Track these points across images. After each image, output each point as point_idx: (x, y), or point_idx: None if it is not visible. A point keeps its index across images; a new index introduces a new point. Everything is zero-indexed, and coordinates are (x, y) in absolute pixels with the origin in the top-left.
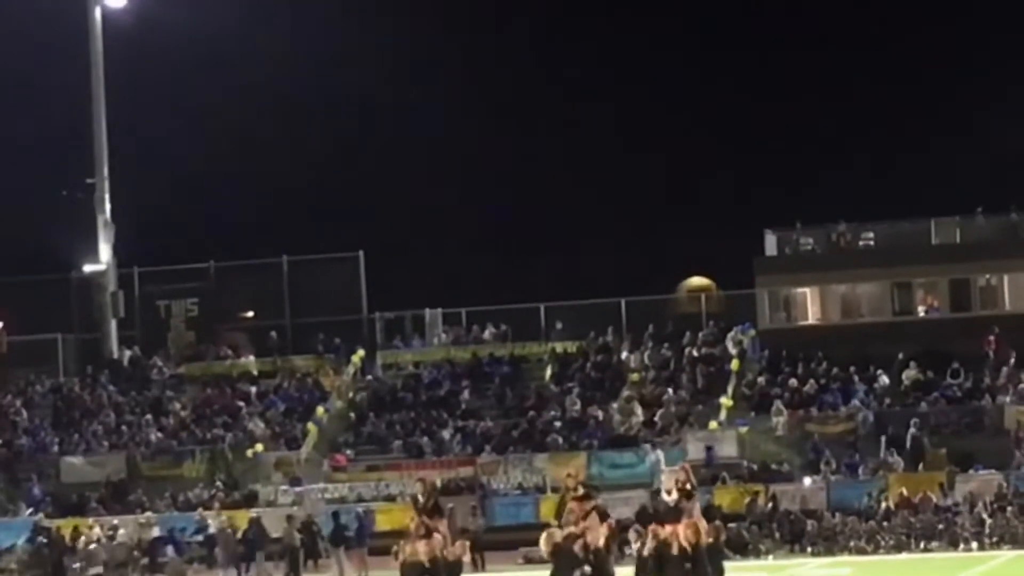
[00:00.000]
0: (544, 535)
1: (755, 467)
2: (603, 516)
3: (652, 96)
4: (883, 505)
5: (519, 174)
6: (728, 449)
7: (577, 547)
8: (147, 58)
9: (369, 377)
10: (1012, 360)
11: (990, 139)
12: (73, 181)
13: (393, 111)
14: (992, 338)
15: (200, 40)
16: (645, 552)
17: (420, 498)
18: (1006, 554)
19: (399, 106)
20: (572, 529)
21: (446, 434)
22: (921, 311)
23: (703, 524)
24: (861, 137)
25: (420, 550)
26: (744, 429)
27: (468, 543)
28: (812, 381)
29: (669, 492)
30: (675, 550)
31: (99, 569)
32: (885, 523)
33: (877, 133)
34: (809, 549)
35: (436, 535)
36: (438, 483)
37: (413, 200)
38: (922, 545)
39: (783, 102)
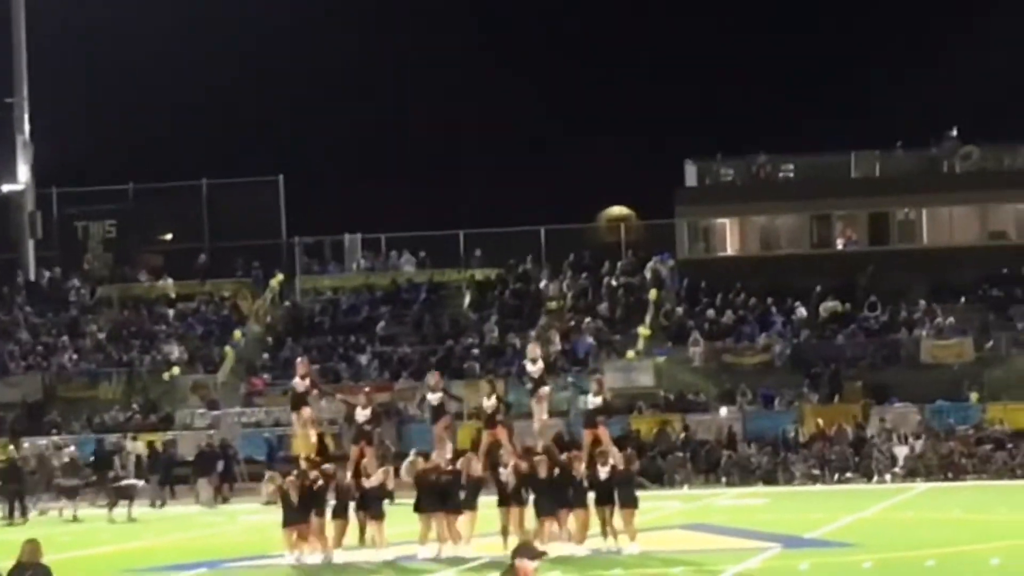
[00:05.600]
0: (406, 463)
1: (671, 397)
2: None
3: (577, 24)
4: (797, 436)
5: (442, 99)
6: (645, 379)
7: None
8: None
9: (287, 302)
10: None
11: (911, 73)
12: None
13: (311, 34)
14: None
15: None
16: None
17: None
18: (919, 486)
19: (317, 29)
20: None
21: (363, 360)
22: (840, 244)
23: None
24: (782, 69)
25: None
26: (661, 359)
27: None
28: (730, 312)
29: (596, 394)
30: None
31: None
32: (799, 454)
33: (799, 66)
34: (724, 479)
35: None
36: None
37: (333, 125)
38: (836, 476)
39: (707, 32)
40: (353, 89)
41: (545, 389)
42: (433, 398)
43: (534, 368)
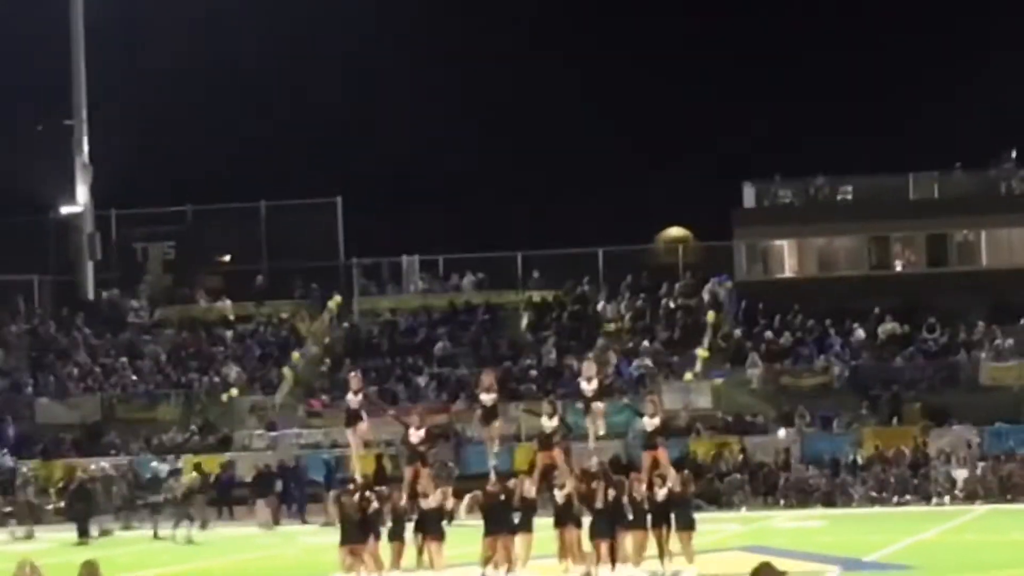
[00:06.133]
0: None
1: (729, 419)
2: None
3: (635, 44)
4: (855, 458)
5: (498, 121)
6: (703, 401)
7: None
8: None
9: (345, 323)
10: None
11: (970, 94)
12: (51, 122)
13: (368, 56)
14: None
15: None
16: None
17: None
18: (978, 509)
19: (373, 50)
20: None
21: (421, 381)
22: (898, 266)
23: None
24: (841, 91)
25: None
26: (719, 381)
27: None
28: (788, 334)
29: (652, 415)
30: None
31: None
32: (857, 476)
33: (857, 87)
34: (782, 501)
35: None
36: None
37: (391, 146)
38: (895, 499)
39: (764, 54)
40: (411, 110)
41: (599, 405)
42: (487, 399)
43: (588, 387)
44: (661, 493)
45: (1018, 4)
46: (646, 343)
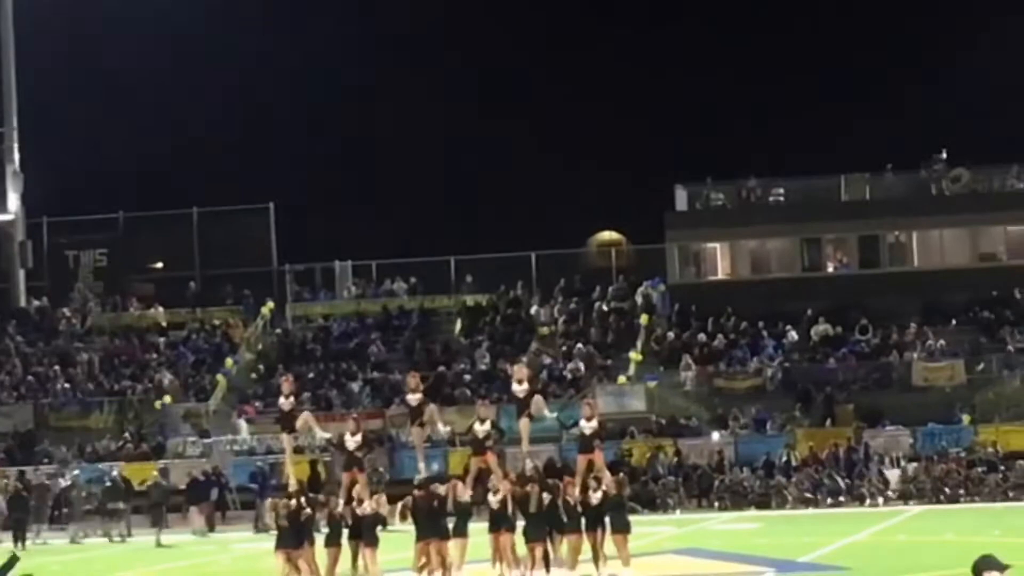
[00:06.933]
0: (399, 505)
1: (663, 421)
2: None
3: (566, 50)
4: (789, 460)
5: (430, 126)
6: (636, 403)
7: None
8: (56, 7)
9: (279, 329)
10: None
11: (900, 97)
12: None
13: (301, 62)
14: None
15: None
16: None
17: None
18: (912, 509)
19: (306, 57)
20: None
21: (355, 386)
22: (830, 267)
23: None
24: (772, 93)
25: None
26: (653, 384)
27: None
28: (721, 336)
29: (589, 419)
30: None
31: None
32: (791, 478)
33: (788, 89)
34: (716, 504)
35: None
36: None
37: (323, 152)
38: (829, 500)
39: (696, 56)
40: (343, 116)
41: (537, 398)
42: (412, 399)
43: (520, 388)
44: (596, 496)
45: (947, 10)
46: (579, 346)
